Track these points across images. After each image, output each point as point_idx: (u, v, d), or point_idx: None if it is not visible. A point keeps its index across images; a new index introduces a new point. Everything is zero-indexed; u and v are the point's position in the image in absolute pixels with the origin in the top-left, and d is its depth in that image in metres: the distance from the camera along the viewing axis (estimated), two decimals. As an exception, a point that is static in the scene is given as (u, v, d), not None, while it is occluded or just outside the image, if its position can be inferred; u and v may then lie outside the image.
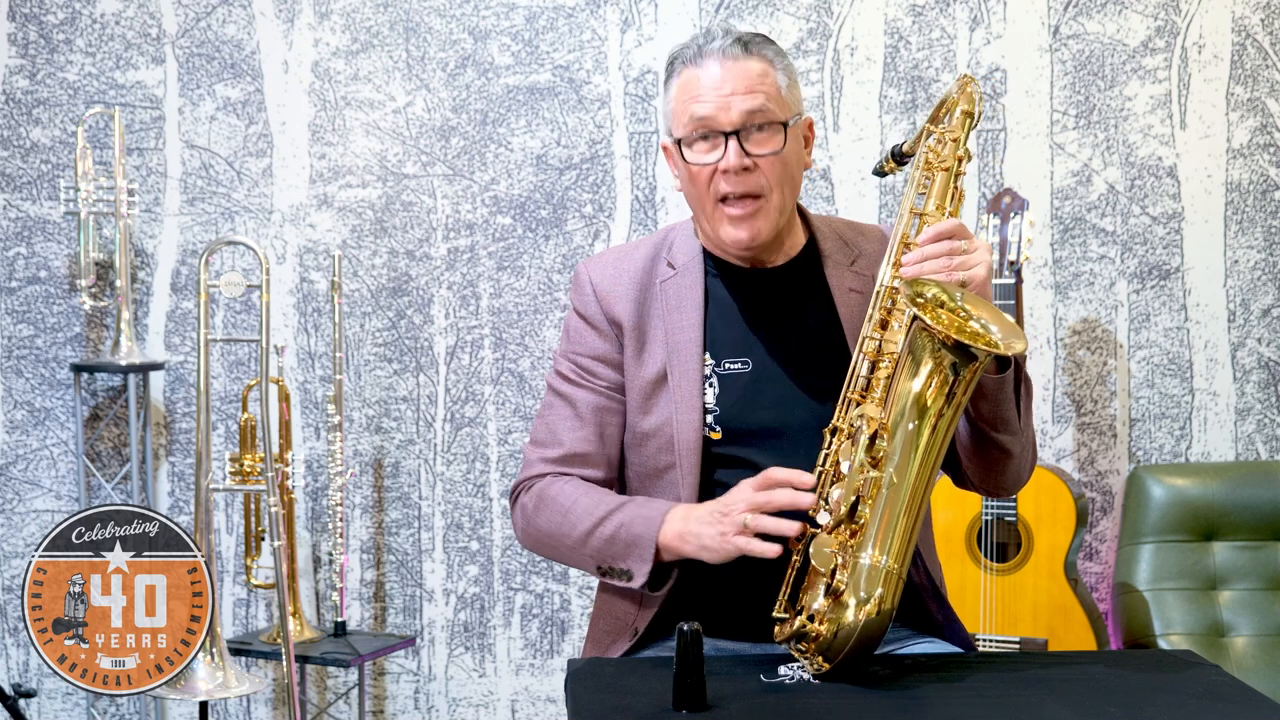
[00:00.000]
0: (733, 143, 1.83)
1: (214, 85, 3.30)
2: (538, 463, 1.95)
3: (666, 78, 1.92)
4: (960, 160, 1.82)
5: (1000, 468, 1.87)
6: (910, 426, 1.66)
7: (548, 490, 1.91)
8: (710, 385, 1.90)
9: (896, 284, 1.76)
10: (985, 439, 1.82)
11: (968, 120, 1.83)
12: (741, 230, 1.87)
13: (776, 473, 1.70)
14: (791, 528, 1.67)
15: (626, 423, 1.95)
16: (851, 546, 1.65)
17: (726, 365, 1.90)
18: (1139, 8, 3.21)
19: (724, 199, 1.86)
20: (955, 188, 1.81)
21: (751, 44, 1.86)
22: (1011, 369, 1.77)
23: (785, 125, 1.85)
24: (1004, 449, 1.83)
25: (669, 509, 1.81)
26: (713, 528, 1.73)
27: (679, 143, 1.87)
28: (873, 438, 1.67)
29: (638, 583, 1.81)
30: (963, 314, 1.68)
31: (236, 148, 3.31)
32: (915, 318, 1.65)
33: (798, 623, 1.65)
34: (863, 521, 1.65)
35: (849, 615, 1.62)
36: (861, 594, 1.62)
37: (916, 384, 1.66)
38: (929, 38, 3.24)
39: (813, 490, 1.68)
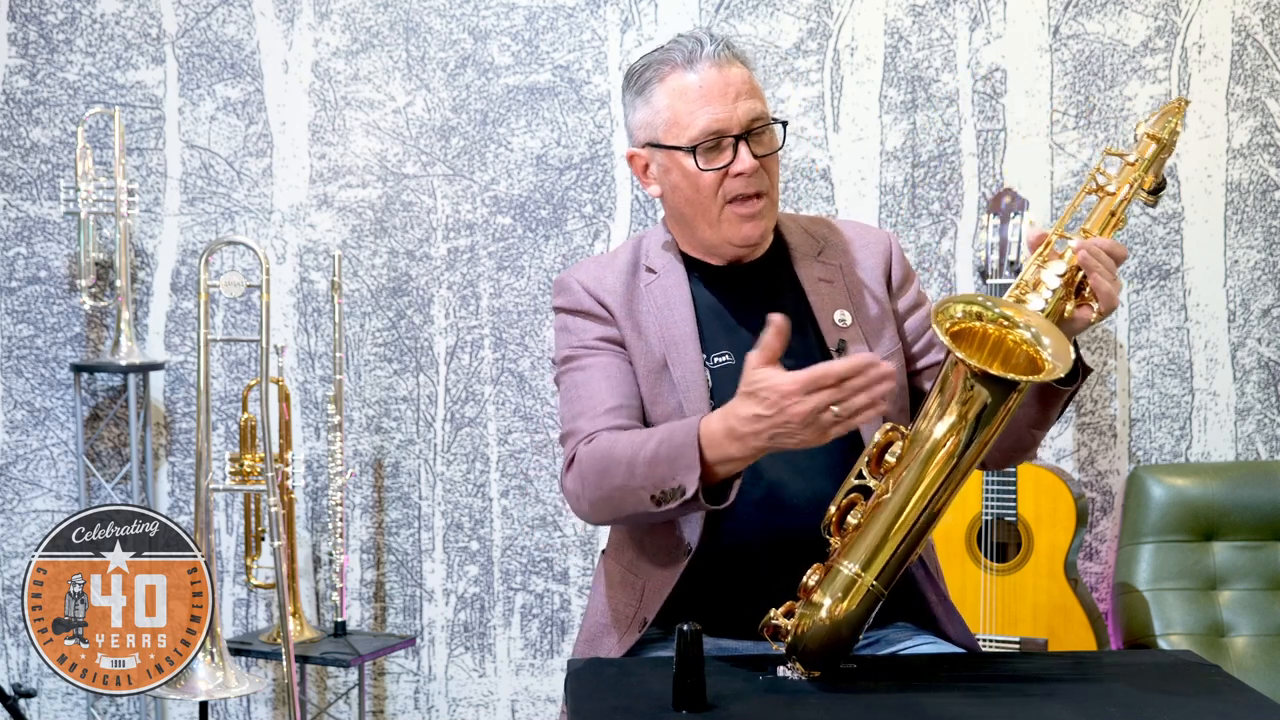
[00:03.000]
0: (744, 146, 1.85)
1: (214, 85, 3.30)
2: (582, 425, 1.88)
3: (643, 84, 1.89)
4: (1130, 185, 1.75)
5: (1013, 458, 1.91)
6: (928, 451, 1.61)
7: (596, 445, 1.84)
8: (705, 379, 1.91)
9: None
10: (1020, 436, 1.82)
11: (1154, 146, 1.77)
12: (750, 226, 1.90)
13: (837, 366, 1.56)
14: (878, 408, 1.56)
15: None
16: (837, 550, 1.64)
17: (715, 359, 1.92)
18: (1139, 8, 3.21)
19: (732, 199, 1.88)
20: (1116, 215, 1.75)
21: (732, 47, 1.89)
22: (1080, 377, 1.76)
23: (784, 125, 1.90)
24: (1031, 443, 1.86)
25: (703, 416, 1.72)
26: (775, 425, 1.60)
27: (693, 151, 1.85)
28: (884, 448, 1.64)
29: (691, 491, 1.70)
30: (1005, 323, 1.63)
31: (236, 148, 3.31)
32: (949, 351, 1.58)
33: (774, 617, 1.65)
34: (856, 527, 1.63)
35: (821, 613, 1.61)
36: (837, 595, 1.61)
37: (948, 415, 1.60)
38: (929, 38, 3.24)
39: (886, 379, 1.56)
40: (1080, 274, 1.70)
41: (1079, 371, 1.79)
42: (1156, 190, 1.80)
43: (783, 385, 1.58)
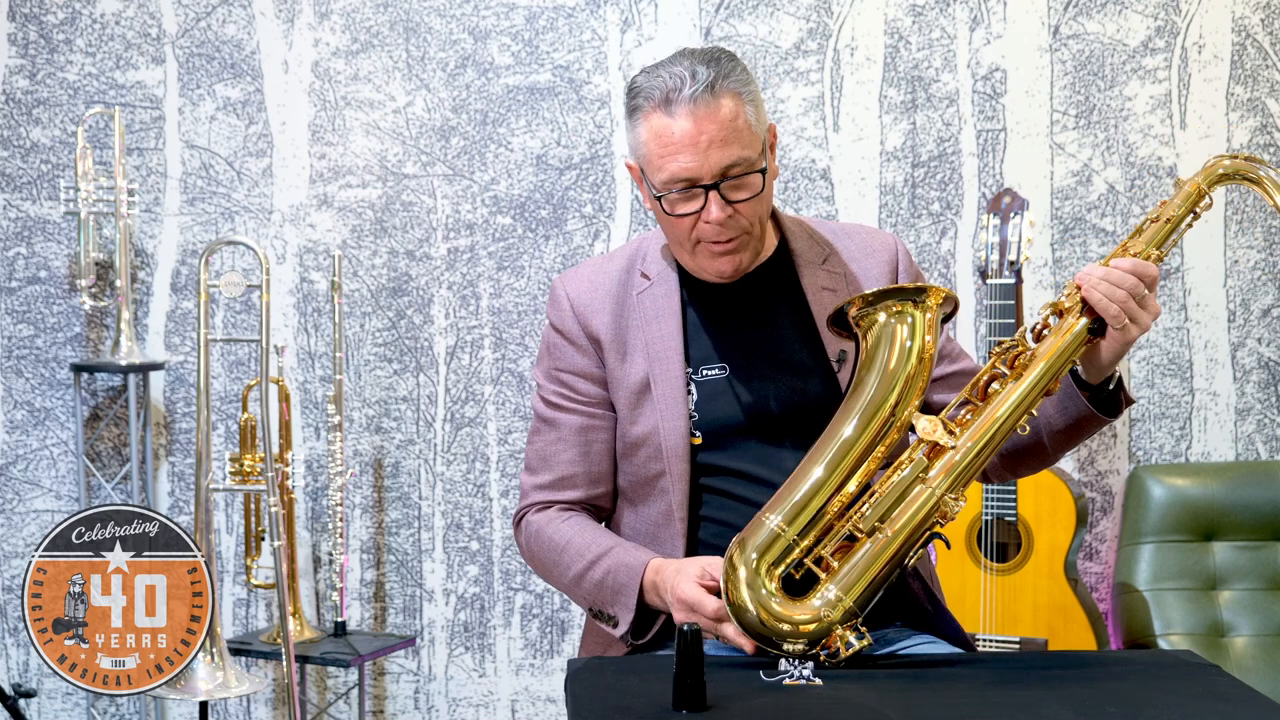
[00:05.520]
0: (714, 196, 1.81)
1: (214, 85, 3.30)
2: (532, 491, 1.99)
3: (632, 109, 1.86)
4: (1182, 219, 1.76)
5: (1026, 465, 1.94)
6: (848, 400, 1.69)
7: (544, 527, 1.95)
8: (690, 392, 1.91)
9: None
10: (1042, 455, 1.87)
11: (1191, 199, 1.76)
12: (723, 264, 1.89)
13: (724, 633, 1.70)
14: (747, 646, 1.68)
15: (617, 432, 1.96)
16: (764, 507, 1.70)
17: (704, 372, 1.92)
18: (1139, 8, 3.21)
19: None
20: (1168, 238, 1.76)
21: (718, 83, 1.80)
22: (1122, 407, 1.82)
23: (763, 172, 1.84)
24: (1049, 454, 1.89)
25: (648, 561, 1.83)
26: (676, 618, 1.75)
27: (659, 199, 1.84)
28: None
29: (621, 630, 1.84)
30: (885, 304, 1.73)
31: (236, 148, 3.31)
32: (839, 312, 1.72)
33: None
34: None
35: (742, 572, 1.65)
36: (753, 555, 1.65)
37: (867, 363, 1.69)
38: (929, 38, 3.24)
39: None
40: (1089, 318, 1.72)
41: (1119, 403, 1.81)
42: None
43: (694, 598, 1.72)
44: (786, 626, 1.63)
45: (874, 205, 3.27)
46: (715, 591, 1.70)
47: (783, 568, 1.65)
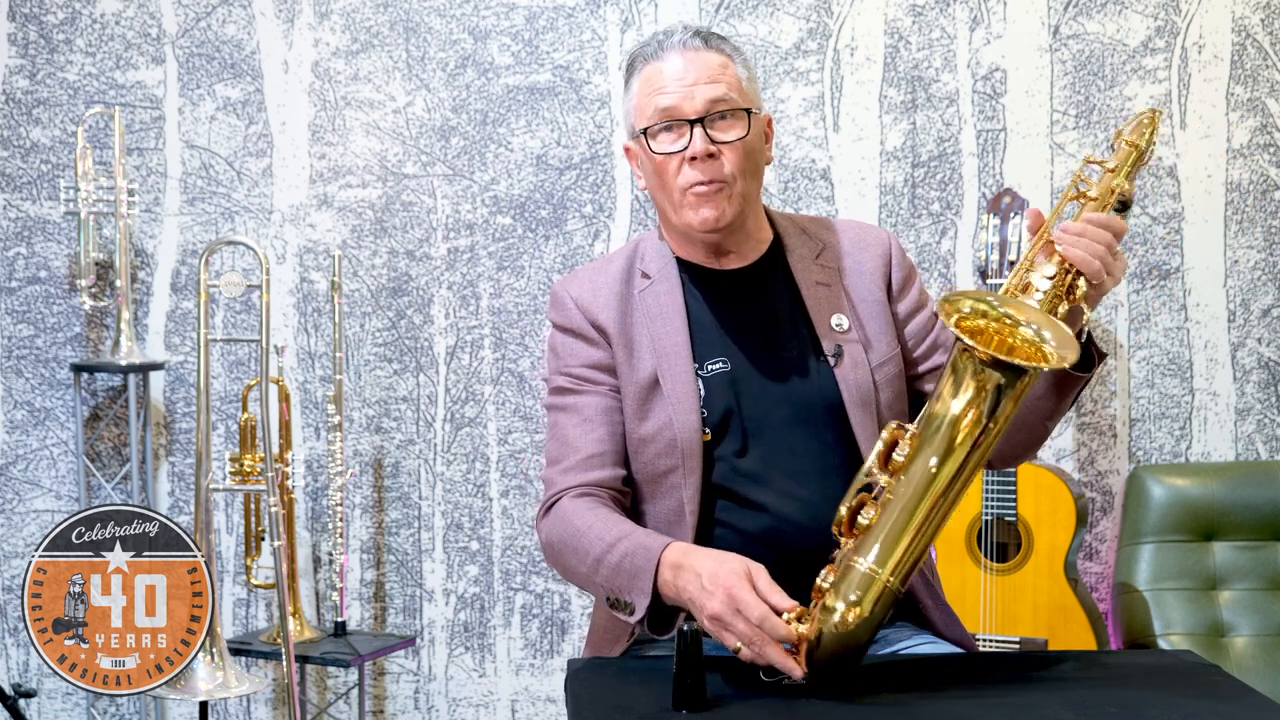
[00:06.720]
0: (698, 129, 1.85)
1: (214, 85, 3.30)
2: (557, 479, 1.92)
3: (627, 78, 1.95)
4: (1112, 191, 1.75)
5: (1023, 453, 1.91)
6: (938, 442, 1.58)
7: (570, 514, 1.87)
8: (698, 388, 1.91)
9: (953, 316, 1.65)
10: (1034, 428, 1.83)
11: (1134, 154, 1.77)
12: (707, 209, 1.88)
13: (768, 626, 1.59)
14: (795, 672, 1.58)
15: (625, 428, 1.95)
16: (850, 549, 1.61)
17: (708, 367, 1.92)
18: (1139, 8, 3.21)
19: (690, 186, 1.88)
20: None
21: (710, 38, 1.90)
22: (1096, 363, 1.76)
23: (749, 112, 1.88)
24: (1043, 435, 1.86)
25: (667, 544, 1.74)
26: (705, 606, 1.64)
27: (644, 133, 1.88)
28: (891, 446, 1.62)
29: (637, 616, 1.75)
30: (1009, 321, 1.61)
31: (236, 148, 3.31)
32: (957, 339, 1.57)
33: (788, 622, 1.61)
34: (868, 525, 1.60)
35: (835, 618, 1.57)
36: (852, 596, 1.57)
37: (957, 403, 1.58)
38: (929, 38, 3.24)
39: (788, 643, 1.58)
40: (1069, 276, 1.69)
41: (1093, 359, 1.78)
42: (1123, 209, 1.81)
43: (742, 596, 1.60)
44: (846, 654, 1.59)
45: (874, 205, 3.27)
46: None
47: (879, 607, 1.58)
